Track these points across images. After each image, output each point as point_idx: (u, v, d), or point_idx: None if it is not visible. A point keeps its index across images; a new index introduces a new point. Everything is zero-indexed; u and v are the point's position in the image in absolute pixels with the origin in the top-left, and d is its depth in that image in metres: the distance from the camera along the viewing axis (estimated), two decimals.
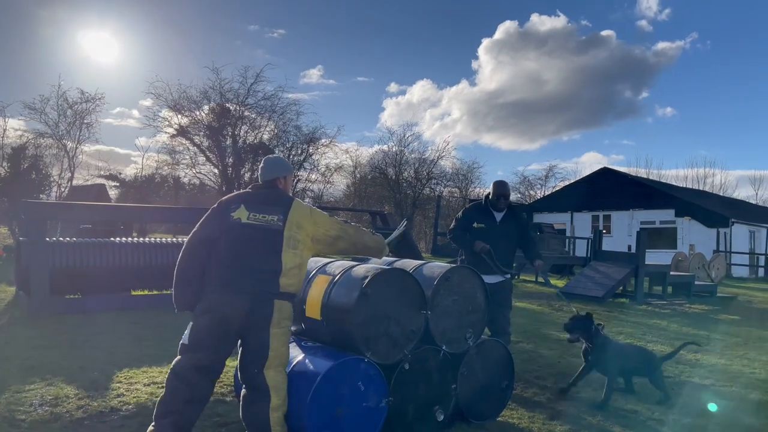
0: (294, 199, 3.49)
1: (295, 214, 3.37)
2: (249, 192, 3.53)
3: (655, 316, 10.62)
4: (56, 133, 23.27)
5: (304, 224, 3.38)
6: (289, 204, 3.41)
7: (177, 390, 3.15)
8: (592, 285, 12.23)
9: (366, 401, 3.73)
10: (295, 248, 3.33)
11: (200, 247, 3.33)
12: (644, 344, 7.75)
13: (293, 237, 3.32)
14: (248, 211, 3.33)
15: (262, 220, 3.31)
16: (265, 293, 3.23)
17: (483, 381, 4.39)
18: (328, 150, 29.40)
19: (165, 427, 3.09)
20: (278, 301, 3.27)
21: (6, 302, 8.84)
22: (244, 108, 26.47)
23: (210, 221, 3.38)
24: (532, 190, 45.45)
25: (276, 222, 3.31)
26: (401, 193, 33.84)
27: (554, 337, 7.93)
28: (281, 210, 3.35)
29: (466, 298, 4.32)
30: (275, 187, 3.55)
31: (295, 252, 3.33)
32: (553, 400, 5.07)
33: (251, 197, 3.44)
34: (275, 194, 3.48)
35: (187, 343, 3.22)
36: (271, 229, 3.29)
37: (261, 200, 3.41)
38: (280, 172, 3.60)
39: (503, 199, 5.49)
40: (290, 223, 3.33)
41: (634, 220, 31.49)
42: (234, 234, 3.29)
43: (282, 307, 3.31)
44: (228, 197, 3.52)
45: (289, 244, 3.30)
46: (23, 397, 4.44)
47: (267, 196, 3.45)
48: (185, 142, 26.76)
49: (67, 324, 7.31)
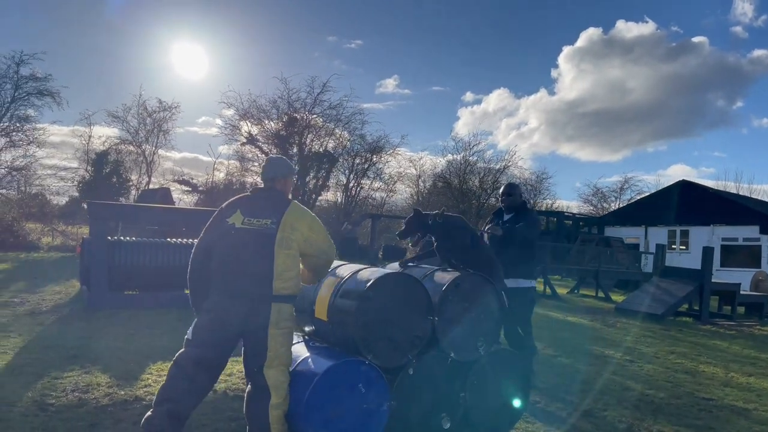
0: (292, 202, 3.49)
1: (290, 216, 3.37)
2: (247, 196, 3.57)
3: (717, 337, 10.01)
4: (136, 139, 24.74)
5: (299, 226, 3.38)
6: (284, 207, 3.41)
7: (176, 379, 3.28)
8: (651, 302, 11.66)
9: (366, 403, 3.73)
10: (289, 248, 3.34)
11: (202, 255, 3.45)
12: (695, 365, 7.35)
13: (287, 238, 3.33)
14: (243, 215, 3.38)
15: (256, 225, 3.34)
16: (259, 297, 3.27)
17: (496, 391, 4.29)
18: (392, 159, 29.59)
19: (161, 414, 3.22)
20: (276, 304, 3.31)
21: (71, 296, 9.46)
22: (310, 117, 27.11)
23: (209, 228, 3.48)
24: (605, 202, 43.85)
25: (269, 225, 3.33)
26: (466, 202, 33.53)
27: (596, 353, 7.64)
28: (275, 213, 3.36)
29: (478, 305, 4.24)
30: (273, 188, 3.56)
31: (289, 252, 3.34)
32: (576, 416, 4.89)
33: (247, 202, 3.48)
34: (272, 198, 3.49)
35: (190, 338, 3.37)
36: (264, 233, 3.31)
37: (257, 204, 3.44)
38: (279, 172, 3.61)
39: (504, 197, 5.40)
40: (284, 224, 3.34)
41: (714, 236, 29.67)
42: (228, 239, 3.35)
43: (281, 309, 3.35)
44: (227, 203, 3.57)
45: (281, 245, 3.30)
46: (59, 383, 4.75)
47: (263, 200, 3.47)
48: (254, 150, 27.71)
49: (119, 318, 7.75)
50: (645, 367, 7.00)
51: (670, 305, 11.37)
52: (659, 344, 8.72)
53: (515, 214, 5.38)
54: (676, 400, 5.55)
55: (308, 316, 4.30)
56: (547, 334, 8.52)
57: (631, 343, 8.72)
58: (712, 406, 5.47)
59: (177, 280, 9.50)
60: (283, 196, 3.55)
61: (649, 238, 31.93)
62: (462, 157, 34.02)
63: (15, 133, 22.21)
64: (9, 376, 4.85)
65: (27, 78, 21.80)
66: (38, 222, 22.32)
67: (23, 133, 22.30)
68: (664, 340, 9.19)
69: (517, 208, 5.39)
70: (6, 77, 21.51)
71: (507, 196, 5.39)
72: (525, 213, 5.41)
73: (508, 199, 5.37)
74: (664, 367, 7.07)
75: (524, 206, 5.48)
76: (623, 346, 8.42)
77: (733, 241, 28.90)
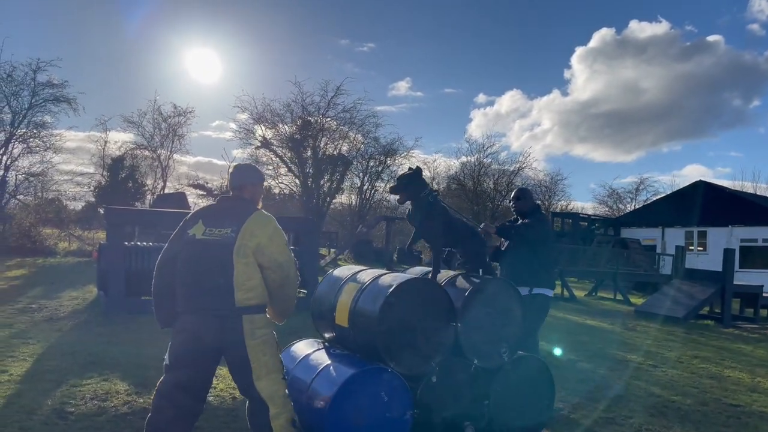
0: (256, 210, 3.30)
1: (251, 223, 3.19)
2: (211, 205, 3.43)
3: (740, 341, 9.82)
4: (151, 144, 24.90)
5: (258, 233, 3.18)
6: (248, 214, 3.23)
7: (162, 409, 3.16)
8: (671, 304, 11.48)
9: (389, 412, 3.67)
10: (247, 257, 3.14)
11: (165, 267, 3.32)
12: (720, 370, 7.19)
13: (245, 245, 3.13)
14: (204, 226, 3.23)
15: (217, 234, 3.18)
16: (225, 312, 3.10)
17: (520, 399, 4.21)
18: (406, 161, 29.49)
19: None
20: (246, 316, 3.15)
21: (88, 301, 9.48)
22: (324, 120, 27.11)
23: (172, 240, 3.35)
24: (621, 203, 43.45)
25: (229, 234, 3.15)
26: (480, 204, 33.35)
27: (618, 358, 7.51)
28: (237, 221, 3.19)
29: (501, 311, 4.17)
30: (240, 197, 3.38)
31: (247, 261, 3.14)
32: (601, 424, 4.78)
33: (210, 211, 3.34)
34: (237, 206, 3.31)
35: (167, 362, 3.23)
36: (223, 242, 3.15)
37: (219, 214, 3.28)
38: (248, 180, 3.43)
39: (514, 201, 5.22)
40: (244, 232, 3.15)
41: (732, 237, 29.25)
42: (188, 251, 3.21)
43: (252, 320, 3.17)
44: (191, 213, 3.44)
45: (239, 253, 3.12)
46: (78, 390, 4.73)
47: (227, 209, 3.31)
48: (269, 154, 27.75)
49: (137, 323, 7.74)
50: (669, 372, 6.86)
51: (691, 308, 11.19)
52: (682, 348, 8.56)
53: (528, 217, 5.15)
54: (703, 407, 5.42)
55: (328, 322, 4.25)
56: (566, 338, 8.41)
57: (652, 347, 8.56)
58: (740, 412, 5.34)
59: None
60: (250, 204, 3.35)
61: (666, 239, 31.58)
62: (476, 159, 33.87)
63: (32, 139, 22.42)
64: (28, 384, 4.84)
65: (44, 84, 21.98)
66: (55, 227, 22.50)
67: (40, 140, 22.50)
68: (687, 344, 9.02)
69: (528, 212, 5.16)
70: (23, 84, 21.70)
71: (516, 200, 5.23)
72: (531, 216, 5.14)
73: (519, 203, 5.20)
74: (688, 372, 6.93)
75: (536, 211, 5.24)
76: (645, 350, 8.27)
77: (752, 242, 28.50)
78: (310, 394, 3.70)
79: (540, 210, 5.36)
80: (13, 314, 8.06)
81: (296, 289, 3.48)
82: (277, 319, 3.51)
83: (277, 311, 3.47)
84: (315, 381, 3.76)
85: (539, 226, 5.02)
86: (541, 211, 5.44)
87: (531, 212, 5.16)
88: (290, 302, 3.47)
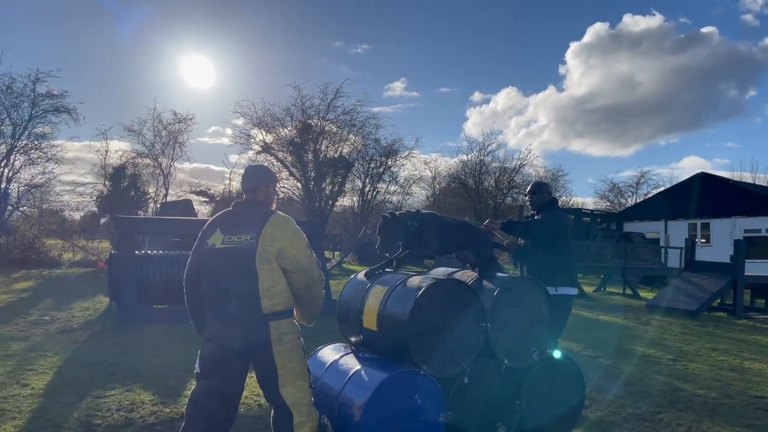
0: (274, 213, 3.26)
1: (270, 227, 3.15)
2: (227, 212, 3.35)
3: (756, 332, 9.79)
4: (152, 152, 24.87)
5: (278, 237, 3.15)
6: (266, 218, 3.19)
7: (195, 418, 3.12)
8: (684, 298, 11.44)
9: (423, 415, 3.63)
10: (270, 263, 3.11)
11: (191, 280, 3.30)
12: (740, 362, 7.16)
13: (267, 251, 3.10)
14: (223, 234, 3.19)
15: (237, 242, 3.14)
16: (252, 320, 3.08)
17: (550, 398, 4.17)
18: (407, 162, 29.51)
19: None
20: (273, 322, 3.12)
21: (100, 311, 9.45)
22: (324, 123, 27.12)
23: (194, 253, 3.32)
24: (622, 197, 43.47)
25: (249, 240, 3.12)
26: (482, 203, 33.35)
27: (638, 353, 7.47)
28: (256, 226, 3.14)
29: (529, 310, 4.13)
30: (255, 200, 3.34)
31: (270, 267, 3.12)
32: (631, 420, 4.74)
33: (227, 218, 3.29)
34: (253, 210, 3.27)
35: (198, 371, 3.20)
36: (244, 249, 3.11)
37: (237, 220, 3.23)
38: (261, 181, 3.39)
39: (530, 196, 5.05)
40: (264, 237, 3.11)
41: (736, 228, 29.24)
42: (210, 261, 3.18)
43: (279, 325, 3.15)
44: (209, 222, 3.38)
45: (262, 260, 3.09)
46: (102, 402, 4.69)
47: (243, 214, 3.26)
48: (270, 158, 27.74)
49: (151, 332, 7.71)
50: (690, 366, 6.82)
51: (703, 301, 11.15)
52: (699, 341, 8.53)
53: (542, 212, 4.95)
54: (729, 400, 5.38)
55: (355, 326, 4.22)
56: (582, 335, 8.38)
57: (669, 341, 8.53)
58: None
59: None
60: (266, 207, 3.32)
61: (669, 232, 31.59)
62: (477, 157, 33.88)
63: (33, 150, 22.42)
64: (52, 397, 4.80)
65: (44, 95, 21.99)
66: (58, 238, 22.44)
67: (41, 151, 22.49)
68: (703, 336, 8.99)
69: (544, 206, 4.95)
70: (23, 96, 21.71)
71: (532, 194, 5.03)
72: (549, 212, 4.92)
73: (534, 198, 5.00)
74: (709, 365, 6.90)
75: (552, 205, 5.00)
76: (662, 344, 8.24)
77: (756, 233, 28.44)
78: (343, 400, 3.66)
79: (556, 204, 5.11)
80: (26, 327, 8.02)
81: (322, 290, 3.47)
82: (306, 320, 3.50)
83: (304, 313, 3.45)
84: (346, 387, 3.71)
85: (551, 222, 4.77)
86: (558, 205, 5.18)
87: (547, 206, 4.95)
88: (317, 303, 3.45)
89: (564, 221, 4.94)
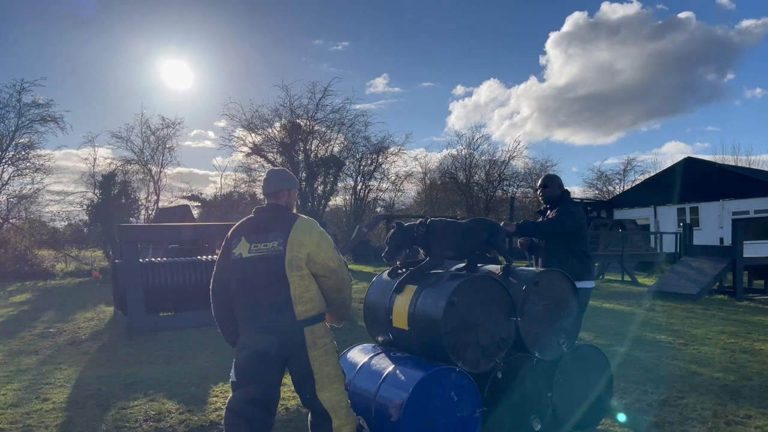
0: (298, 217, 3.23)
1: (297, 233, 3.14)
2: (250, 219, 3.31)
3: (760, 313, 9.91)
4: (141, 158, 24.62)
5: (306, 241, 3.13)
6: (291, 223, 3.17)
7: (236, 426, 3.11)
8: (685, 282, 11.56)
9: (460, 411, 3.64)
10: (300, 269, 3.10)
11: (219, 291, 3.28)
12: (750, 344, 7.25)
13: (296, 257, 3.09)
14: (249, 243, 3.17)
15: (264, 250, 3.12)
16: (286, 328, 3.08)
17: (580, 388, 4.20)
18: (398, 158, 29.51)
19: None
20: (307, 328, 3.13)
21: (106, 321, 9.35)
22: (314, 123, 27.03)
23: (220, 264, 3.29)
24: (610, 185, 43.76)
25: (276, 247, 3.11)
26: (473, 196, 33.44)
27: (648, 339, 7.54)
28: (281, 232, 3.13)
29: (557, 302, 4.15)
30: (278, 205, 3.32)
31: (301, 273, 3.10)
32: (656, 406, 4.78)
33: (251, 226, 3.25)
34: (277, 215, 3.25)
35: (235, 380, 3.19)
36: (272, 257, 3.10)
37: (261, 227, 3.20)
38: (283, 185, 3.37)
39: (541, 190, 4.92)
40: (291, 242, 3.10)
41: (725, 211, 29.58)
42: (239, 272, 3.16)
43: (313, 330, 3.15)
44: (231, 230, 3.33)
45: (292, 266, 3.08)
46: (128, 413, 4.65)
47: (267, 220, 3.23)
48: (260, 160, 27.63)
49: (161, 340, 7.65)
50: (702, 350, 6.90)
51: (704, 284, 11.27)
52: (705, 325, 8.62)
53: (554, 208, 4.85)
54: (748, 382, 5.44)
55: (383, 326, 4.21)
56: (590, 323, 8.42)
57: (677, 325, 8.62)
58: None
59: None
60: (289, 212, 3.31)
61: (658, 218, 31.90)
62: (467, 151, 33.94)
63: (21, 161, 22.11)
64: (75, 410, 4.75)
65: (29, 105, 21.63)
66: (50, 249, 22.17)
67: (29, 161, 22.19)
68: (709, 320, 9.09)
69: (556, 200, 4.86)
70: (8, 106, 21.36)
71: (543, 188, 4.92)
72: (562, 204, 4.82)
73: (545, 192, 4.89)
74: (720, 348, 6.97)
75: (564, 198, 4.88)
76: (671, 329, 8.32)
77: (744, 214, 28.74)
78: (380, 401, 3.65)
79: (568, 196, 4.96)
80: (33, 340, 7.92)
81: (351, 290, 3.46)
82: (336, 322, 3.50)
83: (335, 315, 3.45)
84: (382, 387, 3.71)
85: (567, 219, 4.66)
86: (570, 197, 5.04)
87: (559, 199, 4.85)
88: (347, 304, 3.45)
89: (579, 215, 4.81)
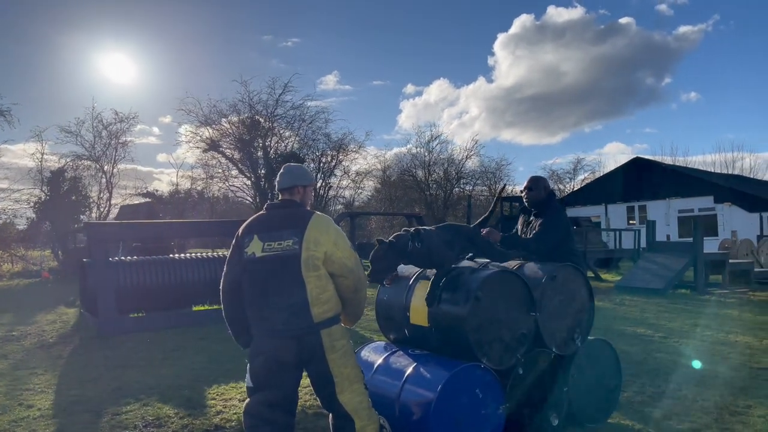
0: (314, 214, 3.09)
1: (313, 231, 3.00)
2: (262, 215, 3.17)
3: (723, 306, 10.30)
4: (93, 154, 23.60)
5: (323, 240, 3.00)
6: (306, 220, 3.03)
7: (256, 428, 2.99)
8: (650, 277, 11.92)
9: (484, 408, 3.60)
10: (317, 269, 2.98)
11: (231, 292, 3.13)
12: (725, 336, 7.51)
13: (312, 256, 2.96)
14: (262, 241, 3.02)
15: (278, 249, 2.98)
16: (303, 330, 2.95)
17: (592, 382, 4.23)
18: (358, 156, 29.38)
19: None
20: (323, 330, 3.00)
21: (71, 324, 8.90)
22: (273, 119, 26.59)
23: (231, 263, 3.14)
24: (561, 184, 44.90)
25: (291, 246, 2.97)
26: (431, 194, 33.66)
27: (629, 333, 7.70)
28: (297, 230, 2.99)
29: (571, 297, 4.16)
30: (292, 201, 3.19)
31: (318, 274, 2.98)
32: (657, 398, 4.87)
33: (264, 223, 3.11)
34: (292, 212, 3.11)
35: (251, 385, 3.05)
36: (287, 256, 2.96)
37: (274, 224, 3.06)
38: (299, 181, 3.22)
39: (526, 192, 4.68)
40: (307, 241, 2.96)
41: (671, 209, 30.83)
42: (252, 272, 3.02)
43: (330, 332, 3.03)
44: (242, 228, 3.18)
45: (308, 266, 2.95)
46: (124, 419, 4.40)
47: (281, 218, 3.08)
48: (217, 156, 26.98)
49: (137, 342, 7.33)
50: (682, 342, 7.09)
51: (669, 279, 11.65)
52: (678, 318, 8.89)
53: (539, 211, 4.64)
54: (737, 373, 5.62)
55: (399, 323, 4.12)
56: None
57: (651, 319, 8.85)
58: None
59: (184, 297, 9.12)
60: (304, 209, 3.17)
61: (609, 215, 32.95)
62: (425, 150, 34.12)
63: None
64: (65, 417, 4.46)
65: None
66: None
67: None
68: (680, 313, 9.37)
69: (541, 202, 4.63)
70: None
71: (528, 191, 4.68)
72: (547, 211, 4.57)
73: (531, 194, 4.66)
74: (699, 341, 7.19)
75: (550, 201, 4.66)
76: (646, 323, 8.53)
77: (689, 212, 29.99)
78: (404, 401, 3.56)
79: (554, 199, 4.72)
80: None
81: (366, 290, 3.35)
82: (349, 323, 3.36)
83: (350, 315, 3.32)
84: (406, 387, 3.61)
85: (550, 234, 4.41)
86: (556, 200, 4.78)
87: (545, 202, 4.62)
88: (362, 305, 3.34)
89: (564, 221, 4.58)
